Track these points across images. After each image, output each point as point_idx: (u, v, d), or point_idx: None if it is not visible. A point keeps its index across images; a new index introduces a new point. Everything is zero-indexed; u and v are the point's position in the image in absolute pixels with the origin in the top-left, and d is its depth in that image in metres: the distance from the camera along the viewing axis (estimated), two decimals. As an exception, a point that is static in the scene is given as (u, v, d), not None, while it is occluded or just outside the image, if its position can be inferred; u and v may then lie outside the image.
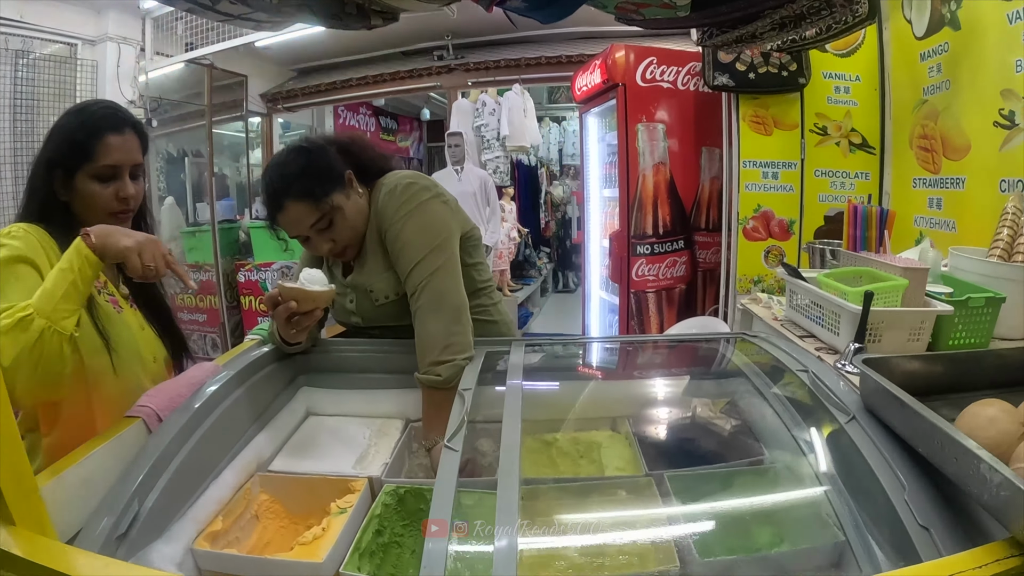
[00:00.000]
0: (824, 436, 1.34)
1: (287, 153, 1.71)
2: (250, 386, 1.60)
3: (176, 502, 1.23)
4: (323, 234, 1.69)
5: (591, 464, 1.57)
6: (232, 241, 6.62)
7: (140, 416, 1.35)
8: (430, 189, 1.73)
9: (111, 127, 1.52)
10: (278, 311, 1.58)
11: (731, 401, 1.73)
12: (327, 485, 1.43)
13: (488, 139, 6.27)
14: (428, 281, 1.63)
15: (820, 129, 3.69)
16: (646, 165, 4.26)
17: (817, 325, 1.98)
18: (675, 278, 4.45)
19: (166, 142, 6.77)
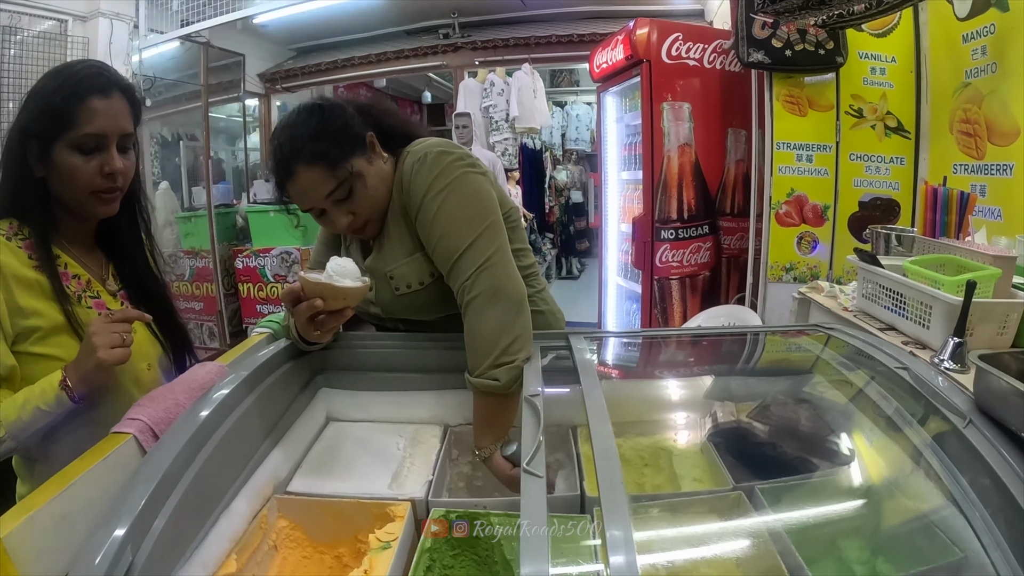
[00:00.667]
0: (936, 442, 1.17)
1: (298, 112, 1.45)
2: (262, 392, 1.34)
3: (180, 543, 0.98)
4: (341, 205, 1.43)
5: (658, 473, 1.40)
6: (229, 226, 6.51)
7: (130, 432, 1.10)
8: (465, 159, 1.47)
9: (96, 89, 1.29)
10: (300, 309, 1.31)
11: (815, 401, 1.55)
12: (359, 509, 1.21)
13: (497, 120, 6.08)
14: (482, 270, 1.37)
15: (856, 111, 3.50)
16: (671, 146, 4.09)
17: (899, 317, 1.81)
18: (699, 264, 4.29)
19: (160, 125, 6.66)
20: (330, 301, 1.28)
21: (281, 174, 1.41)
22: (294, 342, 1.49)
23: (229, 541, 1.07)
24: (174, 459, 1.00)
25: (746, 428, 1.50)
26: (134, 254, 1.52)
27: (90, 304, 1.38)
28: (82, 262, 1.42)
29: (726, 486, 1.22)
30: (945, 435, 1.14)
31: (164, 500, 0.95)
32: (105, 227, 1.47)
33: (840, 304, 2.17)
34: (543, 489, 0.92)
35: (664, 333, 2.47)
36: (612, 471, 0.94)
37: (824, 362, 1.61)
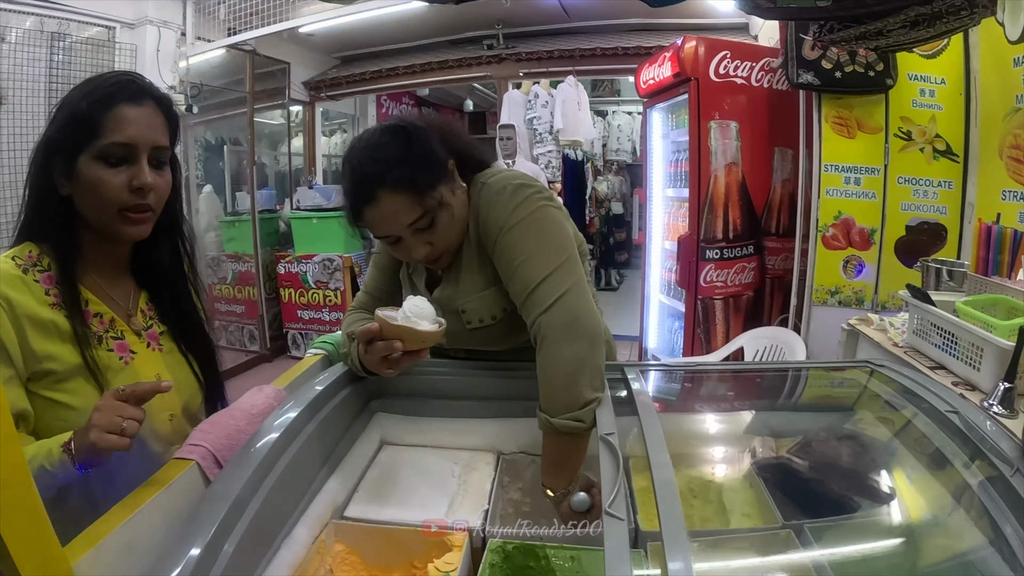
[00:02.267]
0: (982, 488, 1.14)
1: (380, 133, 1.38)
2: (322, 418, 1.34)
3: (245, 572, 0.99)
4: (421, 235, 1.38)
5: (707, 506, 1.38)
6: (272, 232, 6.60)
7: (193, 459, 1.11)
8: (543, 192, 1.44)
9: (126, 96, 1.20)
10: (376, 347, 1.29)
11: (863, 439, 1.53)
12: (416, 536, 1.21)
13: (540, 132, 6.06)
14: (558, 303, 1.31)
15: (904, 134, 3.45)
16: (718, 165, 4.06)
17: (950, 356, 1.79)
18: (743, 285, 4.25)
19: (204, 129, 6.71)
20: (408, 343, 1.27)
21: (359, 198, 1.35)
22: (353, 369, 1.48)
23: (290, 568, 1.08)
24: (241, 488, 1.01)
25: (795, 464, 1.49)
26: (178, 291, 1.42)
27: (111, 346, 1.26)
28: (107, 296, 1.30)
29: (776, 523, 1.21)
30: (992, 481, 1.12)
31: (230, 530, 0.96)
32: (144, 259, 1.36)
33: (890, 339, 2.15)
34: (625, 532, 0.91)
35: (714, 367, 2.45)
36: (673, 508, 0.94)
37: (872, 400, 1.59)
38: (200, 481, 1.10)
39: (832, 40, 2.10)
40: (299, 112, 7.50)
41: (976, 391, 1.66)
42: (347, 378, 1.51)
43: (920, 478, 1.33)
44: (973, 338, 1.68)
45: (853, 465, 1.46)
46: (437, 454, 1.54)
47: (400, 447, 1.57)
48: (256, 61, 6.13)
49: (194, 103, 5.28)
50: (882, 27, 1.92)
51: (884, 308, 3.44)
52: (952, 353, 1.78)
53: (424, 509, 1.31)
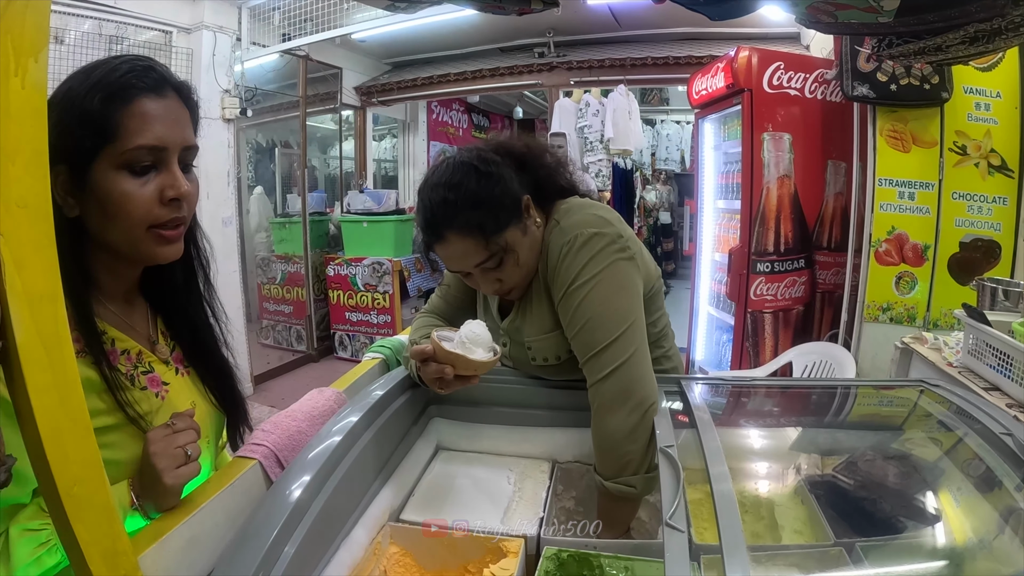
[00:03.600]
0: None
1: (454, 171, 1.36)
2: (381, 423, 1.38)
3: (305, 571, 1.02)
4: (489, 273, 1.40)
5: (758, 521, 1.38)
6: (322, 234, 6.69)
7: (256, 458, 1.13)
8: (617, 242, 1.39)
9: (146, 88, 0.98)
10: (429, 370, 1.32)
11: (913, 459, 1.51)
12: (471, 541, 1.23)
13: (591, 141, 6.05)
14: (615, 373, 1.32)
15: (960, 148, 3.38)
16: (770, 177, 4.02)
17: (1004, 378, 1.77)
18: (793, 299, 4.20)
19: (256, 132, 6.83)
20: (460, 369, 1.29)
21: (430, 236, 1.37)
22: (412, 376, 1.50)
23: (348, 568, 1.12)
24: (304, 489, 1.04)
25: (845, 481, 1.49)
26: (191, 310, 1.23)
27: (143, 384, 1.10)
28: (127, 326, 1.12)
29: (827, 540, 1.21)
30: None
31: (293, 530, 0.99)
32: (154, 274, 1.16)
33: (944, 358, 2.12)
34: (685, 543, 0.92)
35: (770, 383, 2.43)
36: (733, 522, 0.94)
37: (924, 419, 1.58)
38: (262, 480, 1.12)
39: (891, 55, 2.08)
40: (350, 116, 7.59)
41: (1032, 413, 1.64)
42: (405, 384, 1.53)
43: (971, 500, 1.32)
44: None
45: (903, 485, 1.45)
46: (492, 461, 1.56)
47: (456, 452, 1.61)
48: (309, 66, 6.24)
49: (248, 107, 5.38)
50: (941, 43, 1.91)
51: (936, 326, 3.39)
52: (1007, 375, 1.76)
53: (479, 514, 1.33)
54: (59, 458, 0.64)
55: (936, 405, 1.55)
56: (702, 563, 1.02)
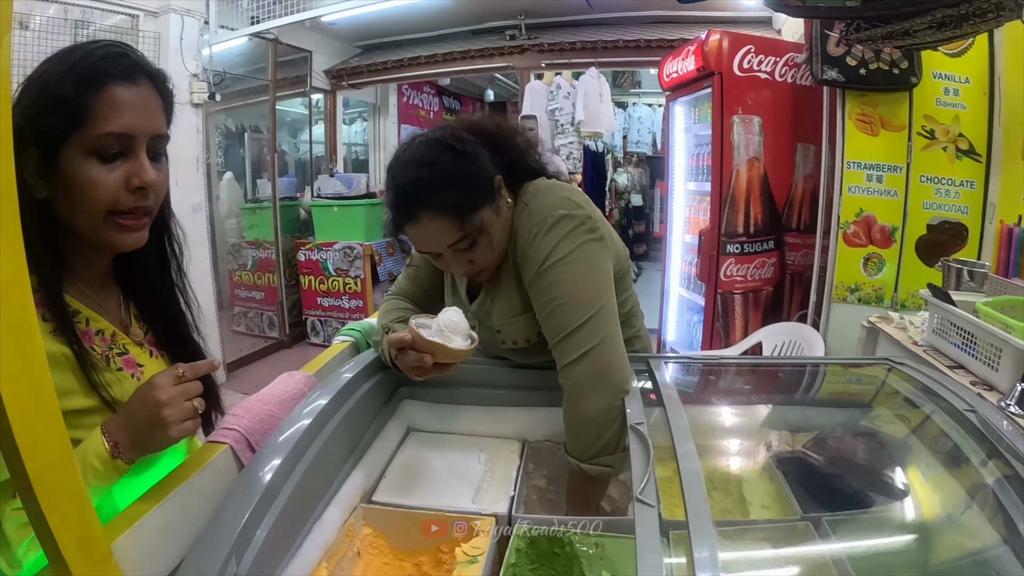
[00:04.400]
0: (998, 486, 1.15)
1: (428, 149, 1.32)
2: (352, 406, 1.36)
3: (278, 554, 1.02)
4: (461, 255, 1.37)
5: (727, 498, 1.40)
6: (292, 219, 6.65)
7: (227, 442, 1.12)
8: (586, 223, 1.38)
9: (119, 74, 0.97)
10: (407, 358, 1.31)
11: (880, 435, 1.54)
12: (443, 521, 1.23)
13: (562, 123, 6.06)
14: (587, 356, 1.31)
15: (928, 132, 3.44)
16: (740, 160, 4.05)
17: (968, 356, 1.80)
18: (763, 280, 4.26)
19: (225, 117, 6.77)
20: (440, 357, 1.29)
21: (402, 216, 1.33)
22: (384, 360, 1.49)
23: (321, 550, 1.11)
24: (275, 473, 1.03)
25: (813, 458, 1.51)
26: (164, 297, 1.23)
27: (119, 365, 1.10)
28: (101, 308, 1.12)
29: (794, 515, 1.23)
30: (1007, 480, 1.13)
31: (264, 513, 0.99)
32: (127, 258, 1.14)
33: (909, 337, 2.16)
34: (656, 518, 0.93)
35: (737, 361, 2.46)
36: (699, 497, 0.96)
37: (890, 397, 1.60)
38: (234, 464, 1.11)
39: (859, 39, 2.10)
40: (320, 100, 7.53)
41: (994, 391, 1.67)
42: (375, 366, 1.52)
43: (936, 475, 1.35)
44: (992, 339, 1.69)
45: (870, 461, 1.47)
46: (463, 442, 1.56)
47: (427, 434, 1.60)
48: (278, 50, 6.17)
49: (217, 91, 5.31)
50: (909, 27, 1.93)
51: (903, 307, 3.44)
52: (971, 353, 1.79)
53: (451, 494, 1.34)
54: (30, 445, 0.64)
55: (902, 383, 1.58)
56: (671, 539, 1.03)
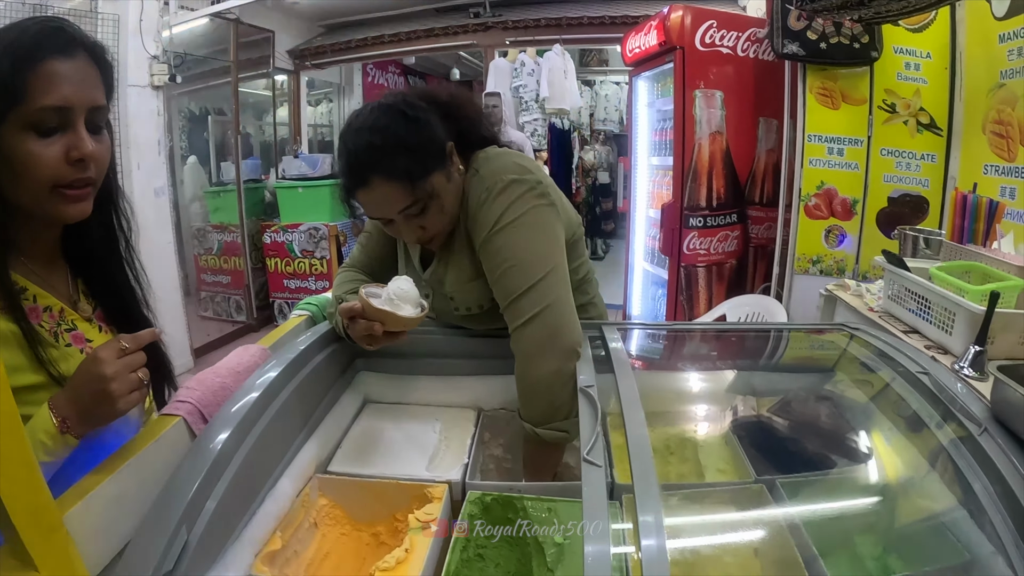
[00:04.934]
0: (951, 447, 1.18)
1: (380, 115, 1.32)
2: (305, 375, 1.36)
3: (230, 522, 1.02)
4: (412, 220, 1.36)
5: (683, 463, 1.43)
6: (257, 202, 6.57)
7: (180, 414, 1.12)
8: (536, 188, 1.39)
9: (55, 49, 0.97)
10: (358, 328, 1.32)
11: (836, 399, 1.56)
12: (398, 490, 1.24)
13: (527, 101, 6.06)
14: (538, 318, 1.32)
15: (888, 106, 3.48)
16: (702, 134, 4.07)
17: (923, 321, 1.82)
18: (726, 253, 4.29)
19: (188, 100, 6.66)
20: (389, 325, 1.30)
21: (354, 181, 1.33)
22: (338, 332, 1.49)
23: (275, 520, 1.12)
24: (224, 443, 1.03)
25: (768, 422, 1.52)
26: (112, 273, 1.22)
27: (68, 341, 1.10)
28: (48, 285, 1.11)
29: (748, 478, 1.25)
30: (960, 441, 1.16)
31: (215, 482, 0.99)
32: (74, 234, 1.15)
33: (866, 304, 2.18)
34: (603, 478, 0.95)
35: (692, 327, 2.49)
36: (645, 460, 0.96)
37: (847, 362, 1.62)
38: (187, 437, 1.11)
39: (815, 9, 2.11)
40: (284, 81, 7.43)
41: (948, 355, 1.69)
42: (330, 337, 1.52)
43: (890, 436, 1.37)
44: (946, 303, 1.71)
45: (825, 424, 1.49)
46: (419, 412, 1.57)
47: (383, 405, 1.60)
48: (240, 30, 6.06)
49: (178, 73, 5.22)
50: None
51: (865, 278, 3.48)
52: (926, 318, 1.82)
53: (406, 463, 1.34)
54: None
55: (859, 348, 1.60)
56: (623, 502, 1.03)
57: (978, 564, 1.00)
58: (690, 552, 1.09)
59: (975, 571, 1.00)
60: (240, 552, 1.01)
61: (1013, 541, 0.96)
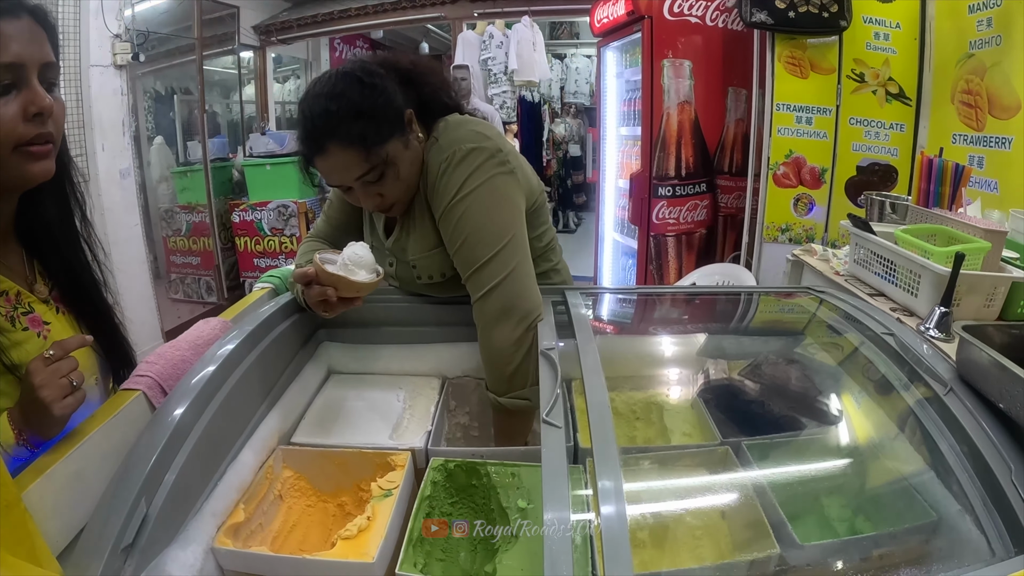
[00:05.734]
0: (917, 407, 1.20)
1: (338, 81, 1.31)
2: (266, 346, 1.34)
3: (191, 495, 1.02)
4: (370, 187, 1.35)
5: (649, 427, 1.44)
6: (225, 180, 6.47)
7: (139, 388, 1.11)
8: (496, 156, 1.38)
9: (1, 11, 0.96)
10: (312, 293, 1.30)
11: (804, 361, 1.59)
12: (361, 459, 1.24)
13: (495, 73, 6.02)
14: (497, 289, 1.34)
15: (857, 76, 3.49)
16: (671, 103, 4.07)
17: (889, 284, 1.83)
18: (696, 222, 4.31)
19: (154, 79, 6.54)
20: (343, 291, 1.29)
21: (311, 148, 1.32)
22: (300, 303, 1.48)
23: (237, 491, 1.11)
24: (183, 414, 1.02)
25: (736, 386, 1.53)
26: (68, 250, 1.20)
27: (25, 324, 1.09)
28: (4, 267, 1.10)
29: (714, 441, 1.26)
30: (926, 401, 1.18)
31: (175, 454, 0.98)
32: (29, 211, 1.14)
33: (832, 268, 2.19)
34: (562, 439, 0.95)
35: (658, 290, 2.50)
36: (604, 424, 0.97)
37: (814, 324, 1.64)
38: (147, 411, 1.10)
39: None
40: (250, 58, 7.32)
41: (914, 317, 1.70)
42: (292, 308, 1.51)
43: (857, 397, 1.39)
44: (911, 265, 1.72)
45: (792, 386, 1.50)
46: (383, 381, 1.56)
47: (347, 375, 1.60)
48: (204, 6, 5.96)
49: (141, 52, 5.10)
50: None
51: (834, 246, 3.50)
52: (892, 280, 1.83)
53: (369, 433, 1.34)
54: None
55: (826, 311, 1.62)
56: (587, 466, 1.03)
57: (945, 523, 1.01)
58: (656, 515, 1.10)
59: (942, 530, 1.01)
60: (202, 525, 1.00)
61: (980, 500, 0.98)
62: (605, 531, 0.77)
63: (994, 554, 0.91)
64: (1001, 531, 0.93)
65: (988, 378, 1.09)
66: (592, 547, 0.86)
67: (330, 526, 1.22)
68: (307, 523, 1.22)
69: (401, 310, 1.61)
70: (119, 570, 0.83)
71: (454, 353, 1.56)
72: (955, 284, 1.53)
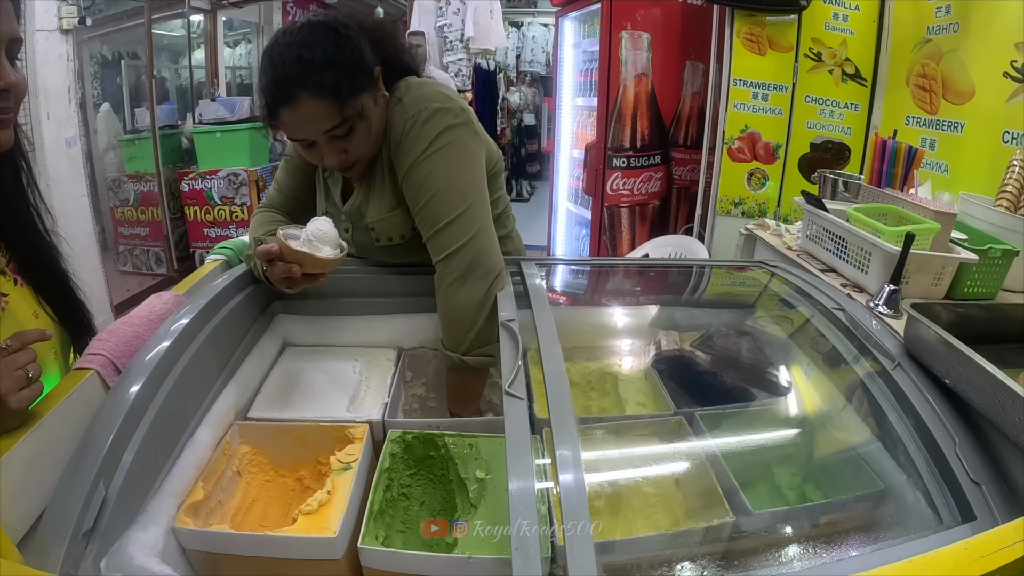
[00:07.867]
0: (866, 381, 1.24)
1: (308, 30, 1.26)
2: (220, 320, 1.33)
3: (149, 475, 1.01)
4: (336, 142, 1.32)
5: (604, 397, 1.47)
6: (174, 148, 6.28)
7: (92, 367, 1.09)
8: (460, 115, 1.38)
9: None
10: (276, 270, 1.28)
11: (756, 334, 1.62)
12: (319, 432, 1.24)
13: (451, 40, 5.92)
14: (461, 250, 1.33)
15: (815, 55, 3.54)
16: (628, 75, 4.09)
17: (840, 260, 1.87)
18: (650, 194, 4.34)
19: (100, 44, 6.35)
20: (308, 267, 1.27)
21: (278, 97, 1.26)
22: (257, 276, 1.46)
23: (195, 469, 1.10)
24: (138, 392, 1.01)
25: (689, 357, 1.56)
26: (20, 214, 1.17)
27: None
28: None
29: (668, 411, 1.29)
30: (875, 375, 1.22)
31: (131, 434, 0.97)
32: None
33: (784, 243, 2.23)
34: (525, 410, 0.96)
35: (613, 262, 2.52)
36: (562, 394, 0.98)
37: (766, 298, 1.67)
38: (101, 390, 1.09)
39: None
40: (200, 22, 7.13)
41: (863, 293, 1.74)
42: (246, 280, 1.49)
43: (807, 370, 1.43)
44: (863, 243, 1.75)
45: (744, 358, 1.54)
46: (339, 352, 1.56)
47: (302, 348, 1.59)
48: (152, -33, 5.78)
49: (88, 15, 4.93)
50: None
51: (786, 220, 3.56)
52: (843, 257, 1.86)
53: (327, 406, 1.34)
54: None
55: (778, 284, 1.65)
56: (544, 436, 1.04)
57: (893, 492, 1.05)
58: (612, 484, 1.13)
59: (890, 499, 1.05)
60: (162, 505, 0.99)
61: (928, 470, 1.02)
62: (564, 500, 0.79)
63: (941, 522, 0.94)
64: (949, 500, 0.96)
65: (935, 354, 1.13)
66: (551, 515, 0.87)
67: (289, 501, 1.22)
68: (266, 498, 1.22)
69: (356, 281, 1.59)
70: (81, 555, 0.82)
71: (410, 324, 1.56)
72: (905, 263, 1.56)
